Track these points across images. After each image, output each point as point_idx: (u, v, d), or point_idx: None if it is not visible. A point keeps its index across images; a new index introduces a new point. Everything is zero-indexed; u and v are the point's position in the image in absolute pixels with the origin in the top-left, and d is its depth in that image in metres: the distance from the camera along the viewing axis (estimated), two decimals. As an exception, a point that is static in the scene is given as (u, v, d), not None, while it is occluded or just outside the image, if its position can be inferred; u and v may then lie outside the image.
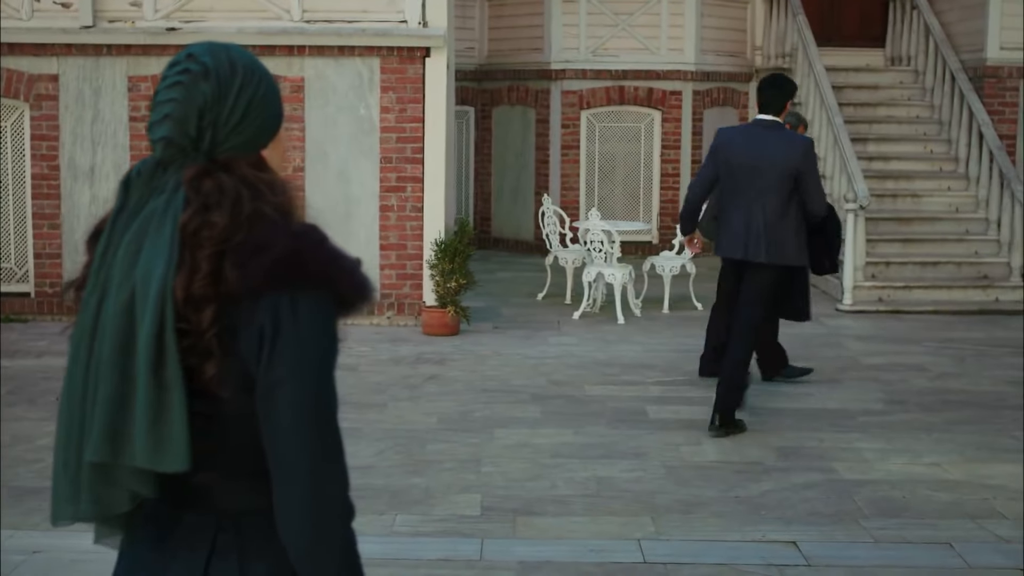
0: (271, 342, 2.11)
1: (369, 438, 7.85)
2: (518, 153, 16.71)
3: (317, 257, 2.15)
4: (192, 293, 2.10)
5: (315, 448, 2.13)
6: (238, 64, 2.22)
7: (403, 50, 11.50)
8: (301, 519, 2.13)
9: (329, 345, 2.17)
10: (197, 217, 2.12)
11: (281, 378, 2.11)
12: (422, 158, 11.62)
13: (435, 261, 11.32)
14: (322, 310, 2.15)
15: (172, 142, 2.18)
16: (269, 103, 2.25)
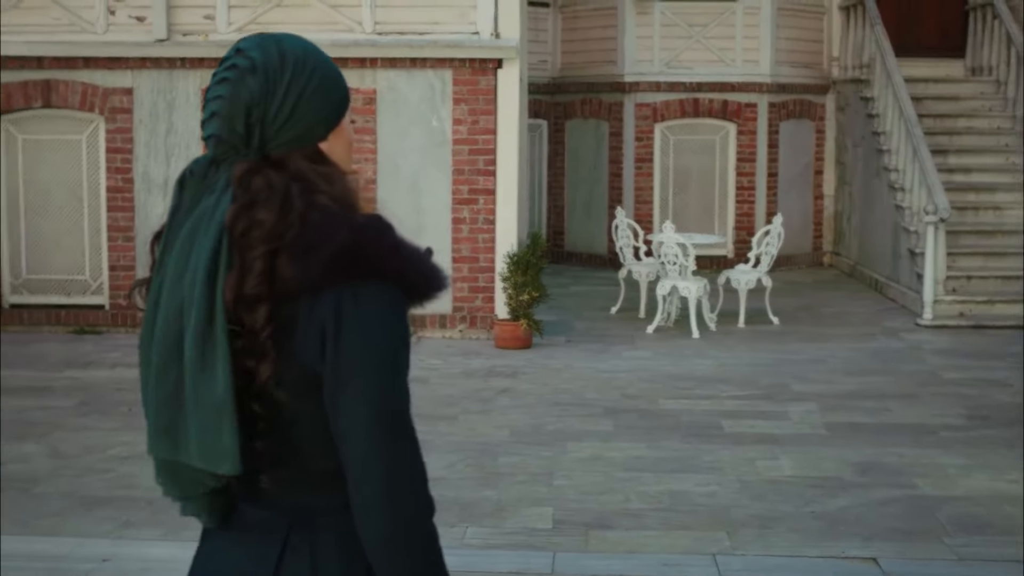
0: (334, 338, 2.05)
1: (440, 450, 7.77)
2: (591, 166, 16.61)
3: (379, 247, 2.07)
4: (244, 293, 2.04)
5: (388, 445, 2.06)
6: (288, 56, 2.14)
7: (475, 62, 11.45)
8: (378, 517, 2.06)
9: (397, 338, 2.08)
10: (243, 216, 2.06)
11: (348, 375, 2.04)
12: (494, 170, 11.56)
13: (507, 274, 11.24)
14: (387, 302, 2.07)
15: (222, 140, 2.13)
16: (323, 94, 2.15)
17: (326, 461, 2.11)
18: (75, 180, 11.76)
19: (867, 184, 15.31)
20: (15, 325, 11.76)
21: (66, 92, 11.67)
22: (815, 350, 11.20)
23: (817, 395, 9.41)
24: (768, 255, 12.61)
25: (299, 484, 2.15)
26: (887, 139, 14.60)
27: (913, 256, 13.20)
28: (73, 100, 11.69)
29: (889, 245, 14.22)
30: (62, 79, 11.64)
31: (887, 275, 14.26)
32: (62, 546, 6.12)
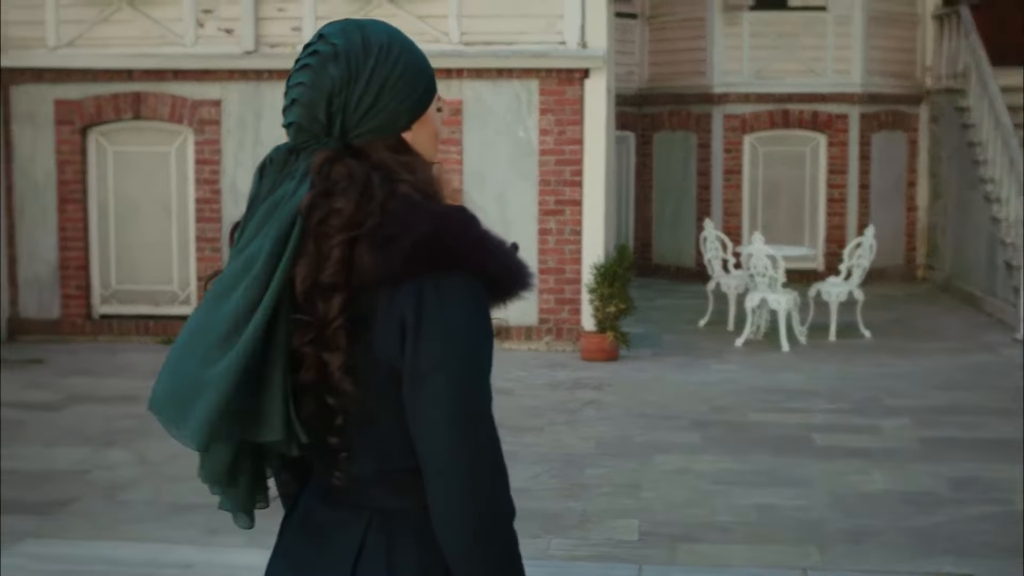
0: (415, 332, 1.97)
1: (525, 462, 7.68)
2: (679, 179, 16.45)
3: (462, 238, 1.99)
4: (320, 282, 1.98)
5: (469, 443, 1.98)
6: (372, 43, 2.07)
7: (562, 72, 11.38)
8: (458, 519, 1.99)
9: (480, 332, 2.01)
10: (320, 204, 1.99)
11: (429, 369, 1.97)
12: (581, 180, 11.47)
13: (594, 285, 11.13)
14: (470, 294, 2.00)
15: (302, 128, 2.07)
16: (408, 82, 2.08)
17: (405, 460, 2.04)
18: (164, 192, 11.85)
19: (962, 196, 14.99)
20: (105, 335, 11.87)
21: (155, 104, 11.77)
22: (908, 364, 10.96)
23: (910, 409, 9.20)
24: (860, 268, 12.38)
25: (377, 484, 2.08)
26: (982, 150, 14.28)
27: (1010, 269, 12.89)
28: (162, 112, 11.79)
29: (984, 258, 13.90)
30: (151, 91, 11.75)
31: (983, 288, 13.94)
32: (147, 552, 6.12)
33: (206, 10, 11.66)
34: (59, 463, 7.75)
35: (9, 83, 11.84)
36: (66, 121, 11.83)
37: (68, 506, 6.90)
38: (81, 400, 9.52)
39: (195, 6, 11.64)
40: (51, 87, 11.81)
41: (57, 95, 11.81)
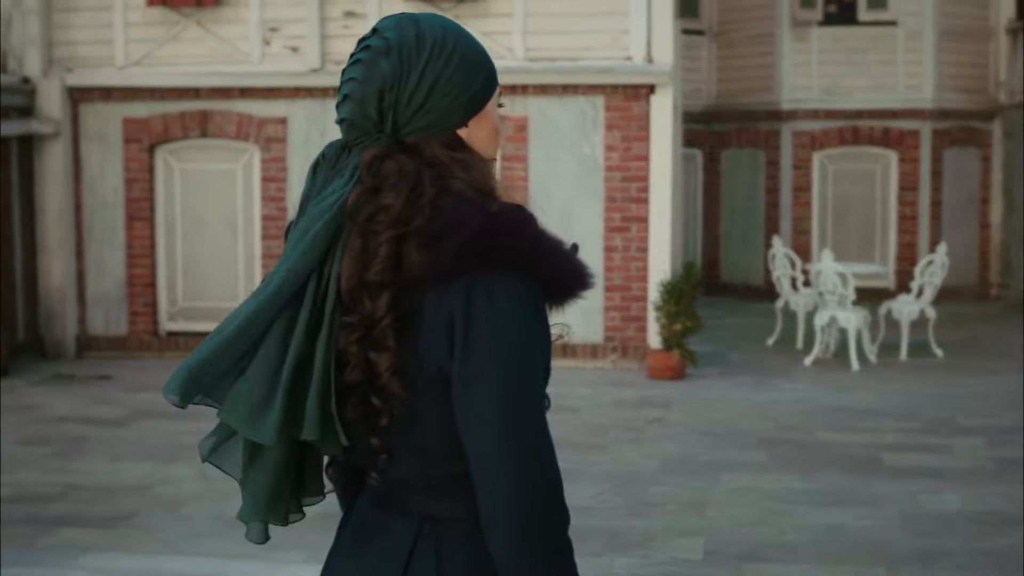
0: (464, 331, 1.91)
1: (589, 479, 7.59)
2: (747, 196, 16.30)
3: (516, 236, 1.93)
4: (367, 279, 1.93)
5: (520, 447, 1.91)
6: (427, 38, 2.01)
7: (628, 87, 11.30)
8: (508, 527, 1.92)
9: (532, 333, 1.94)
10: (368, 200, 1.95)
11: (479, 370, 1.91)
12: (647, 197, 11.38)
13: (660, 303, 11.02)
14: (523, 294, 1.93)
15: (354, 124, 2.02)
16: (462, 79, 2.02)
17: (454, 465, 1.98)
18: (230, 209, 11.90)
19: (1037, 213, 14.73)
20: (171, 351, 11.93)
21: (222, 122, 11.83)
22: (981, 384, 10.74)
23: (983, 429, 9.00)
24: (931, 286, 12.18)
25: (425, 489, 2.02)
26: (1058, 166, 14.03)
27: (1086, 287, 12.63)
28: (229, 130, 11.85)
29: (1060, 276, 13.64)
30: (218, 109, 11.82)
31: (1058, 307, 13.67)
32: (208, 566, 6.10)
33: (272, 28, 11.71)
34: (123, 478, 7.76)
35: (79, 102, 11.96)
36: (134, 139, 11.93)
37: (130, 520, 6.90)
38: (146, 416, 9.55)
39: (261, 24, 11.70)
40: (119, 106, 11.91)
41: (125, 113, 11.91)
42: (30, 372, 11.23)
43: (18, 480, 7.73)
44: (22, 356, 11.62)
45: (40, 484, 7.64)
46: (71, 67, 11.95)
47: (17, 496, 7.38)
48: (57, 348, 11.97)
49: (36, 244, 11.95)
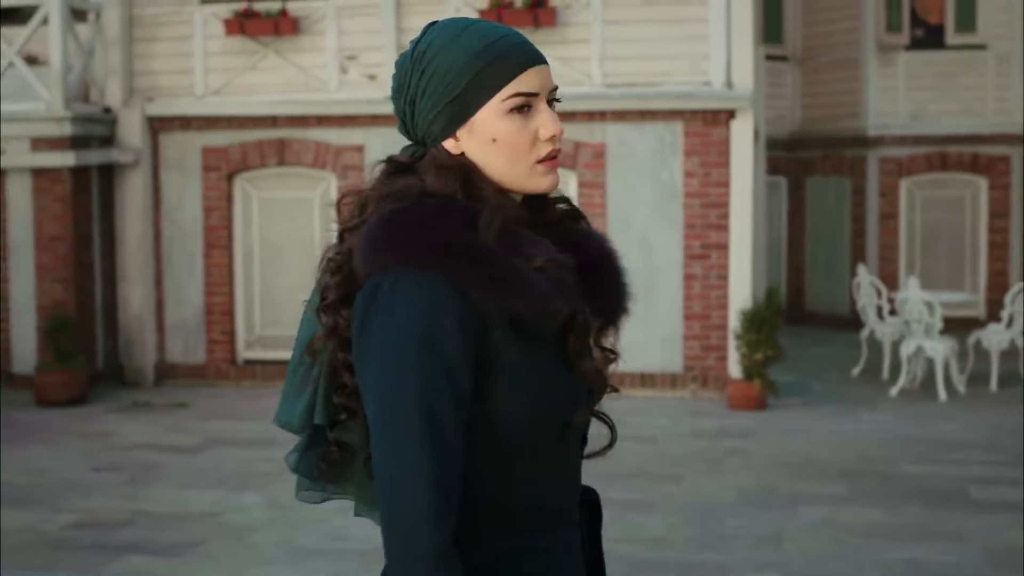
0: (359, 329, 1.92)
1: (663, 511, 7.41)
2: (833, 224, 15.99)
3: (414, 233, 1.89)
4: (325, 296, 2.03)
5: (388, 452, 1.87)
6: (419, 49, 2.02)
7: (707, 113, 11.13)
8: (385, 551, 1.88)
9: (417, 333, 1.86)
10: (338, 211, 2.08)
11: (364, 371, 1.92)
12: (727, 224, 11.18)
13: (741, 332, 10.80)
14: (417, 292, 1.88)
15: (402, 132, 2.11)
16: (436, 91, 1.99)
17: None
18: (307, 237, 11.88)
19: None
20: (248, 380, 11.92)
21: (299, 150, 11.84)
22: (1075, 415, 10.39)
23: (1077, 462, 8.68)
24: (1022, 315, 11.83)
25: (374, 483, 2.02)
26: None
27: None
28: (306, 158, 11.85)
29: None
30: (296, 137, 11.83)
31: None
32: (268, 597, 6.01)
33: (350, 56, 11.71)
34: (192, 505, 7.72)
35: (158, 131, 12.04)
36: (213, 168, 11.97)
37: (197, 548, 6.85)
38: (219, 443, 9.52)
39: (339, 53, 11.70)
40: (199, 134, 11.97)
41: (204, 142, 11.96)
42: (108, 400, 11.28)
43: (88, 506, 7.73)
44: (102, 384, 11.68)
45: (109, 511, 7.62)
46: (151, 96, 12.03)
47: (86, 522, 7.37)
48: (136, 376, 12.01)
49: (116, 272, 12.03)
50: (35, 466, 8.82)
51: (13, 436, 9.78)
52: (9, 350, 11.69)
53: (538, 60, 2.00)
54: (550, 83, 2.02)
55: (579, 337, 1.99)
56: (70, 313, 11.26)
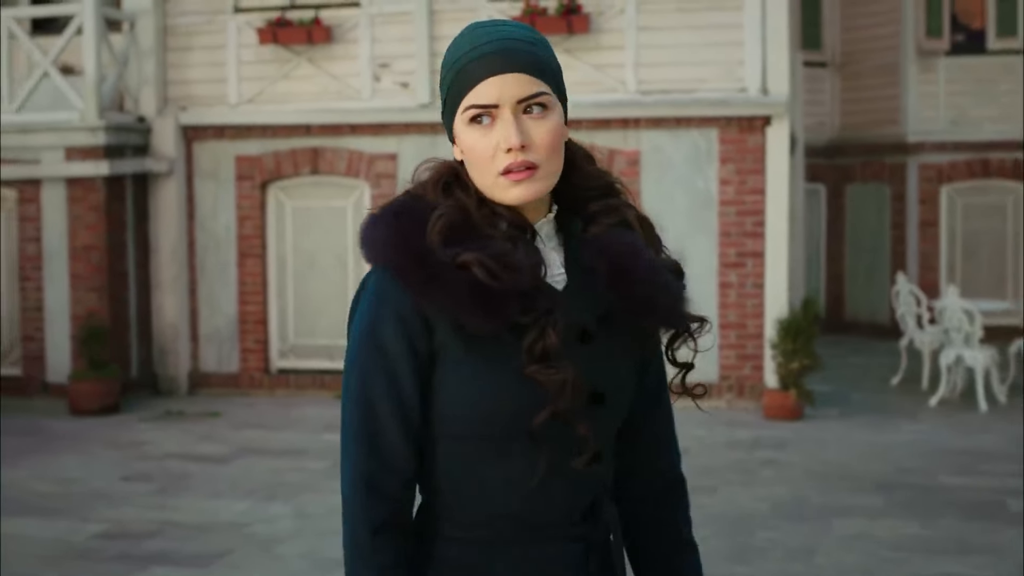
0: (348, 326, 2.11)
1: (695, 523, 7.24)
2: (873, 232, 15.81)
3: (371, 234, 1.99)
4: None
5: (342, 427, 2.03)
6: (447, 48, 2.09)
7: (742, 119, 11.01)
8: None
9: (362, 324, 1.99)
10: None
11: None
12: (763, 232, 11.05)
13: (777, 341, 10.67)
14: (370, 289, 2.00)
15: None
16: (440, 92, 2.07)
17: None
18: (341, 246, 11.84)
19: None
20: (282, 389, 11.89)
21: (332, 159, 11.81)
22: (1119, 426, 10.20)
23: (1119, 474, 8.50)
24: (1065, 323, 11.64)
25: None
26: None
27: None
28: (339, 166, 11.82)
29: None
30: (329, 146, 11.80)
31: None
32: (291, 609, 5.95)
33: (383, 64, 11.67)
34: (220, 515, 7.68)
35: (192, 140, 12.04)
36: (246, 177, 11.96)
37: (224, 558, 6.80)
38: (250, 453, 9.49)
39: (372, 61, 11.67)
40: (232, 143, 11.96)
41: (238, 151, 11.95)
42: (142, 408, 11.28)
43: (116, 516, 7.70)
44: (136, 393, 11.68)
45: (137, 521, 7.59)
46: (185, 106, 12.04)
47: (114, 532, 7.34)
48: (170, 385, 12.01)
49: (150, 281, 12.03)
50: (66, 475, 8.82)
51: (46, 445, 9.79)
52: (44, 359, 11.72)
53: (502, 70, 1.96)
54: (518, 93, 1.96)
55: (538, 339, 1.95)
56: (104, 322, 11.27)
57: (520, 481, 2.01)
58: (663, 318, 2.07)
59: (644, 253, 2.05)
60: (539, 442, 1.98)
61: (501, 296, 1.93)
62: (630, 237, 2.06)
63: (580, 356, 2.00)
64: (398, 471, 2.00)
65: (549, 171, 2.00)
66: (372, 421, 1.98)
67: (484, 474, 2.01)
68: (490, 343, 1.97)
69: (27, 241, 11.70)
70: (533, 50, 2.00)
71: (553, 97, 2.00)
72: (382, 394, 1.97)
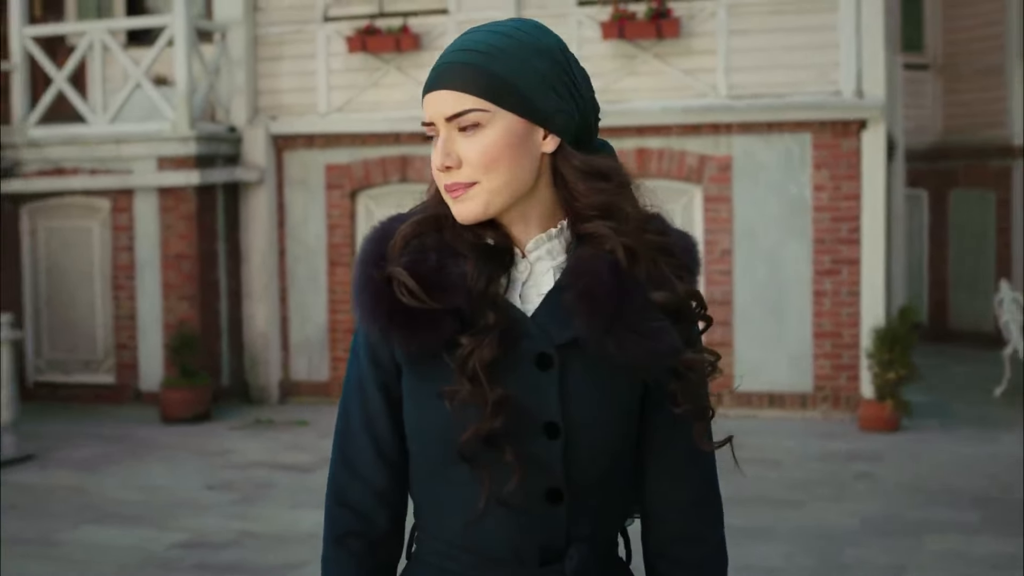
0: None
1: (781, 539, 7.10)
2: (977, 238, 15.38)
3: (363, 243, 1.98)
4: None
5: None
6: None
7: (837, 123, 10.75)
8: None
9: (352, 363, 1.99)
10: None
11: None
12: (859, 238, 10.78)
13: (873, 350, 10.40)
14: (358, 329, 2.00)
15: None
16: None
17: None
18: (428, 254, 11.76)
19: None
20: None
21: (421, 167, 11.75)
22: None
23: None
24: None
25: None
26: None
27: None
28: (428, 174, 11.66)
29: None
30: (417, 154, 11.74)
31: None
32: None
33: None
34: (299, 526, 7.63)
35: (282, 149, 12.07)
36: (336, 185, 11.96)
37: (299, 570, 6.75)
38: (335, 463, 9.42)
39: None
40: (322, 152, 11.97)
41: (328, 160, 11.95)
42: (232, 417, 11.31)
43: (197, 525, 7.70)
44: (227, 401, 11.74)
45: (216, 530, 7.58)
46: (275, 115, 12.08)
47: (193, 542, 7.33)
48: (261, 393, 12.04)
49: (241, 290, 12.08)
50: (151, 483, 8.85)
51: (135, 453, 9.86)
52: (136, 367, 11.82)
53: (433, 87, 1.89)
54: (444, 110, 1.87)
55: (468, 357, 1.85)
56: (195, 331, 11.34)
57: (465, 509, 1.91)
58: (632, 356, 1.87)
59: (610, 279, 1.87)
60: (478, 469, 1.87)
61: (425, 314, 1.85)
62: (606, 263, 1.89)
63: (534, 382, 1.88)
64: (366, 480, 1.96)
65: (491, 187, 1.88)
66: (346, 432, 1.98)
67: (440, 498, 1.95)
68: (431, 362, 1.89)
69: (120, 250, 11.82)
70: (474, 63, 1.87)
71: (492, 113, 1.86)
72: (355, 406, 1.97)
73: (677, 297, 1.89)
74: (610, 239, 1.89)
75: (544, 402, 1.87)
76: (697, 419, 1.92)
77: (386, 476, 1.97)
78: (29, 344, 12.08)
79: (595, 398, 1.90)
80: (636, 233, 1.89)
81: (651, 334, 1.86)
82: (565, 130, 1.90)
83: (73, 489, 8.69)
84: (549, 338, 1.89)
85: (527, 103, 1.87)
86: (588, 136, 1.96)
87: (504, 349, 1.86)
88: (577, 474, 1.90)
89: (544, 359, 1.89)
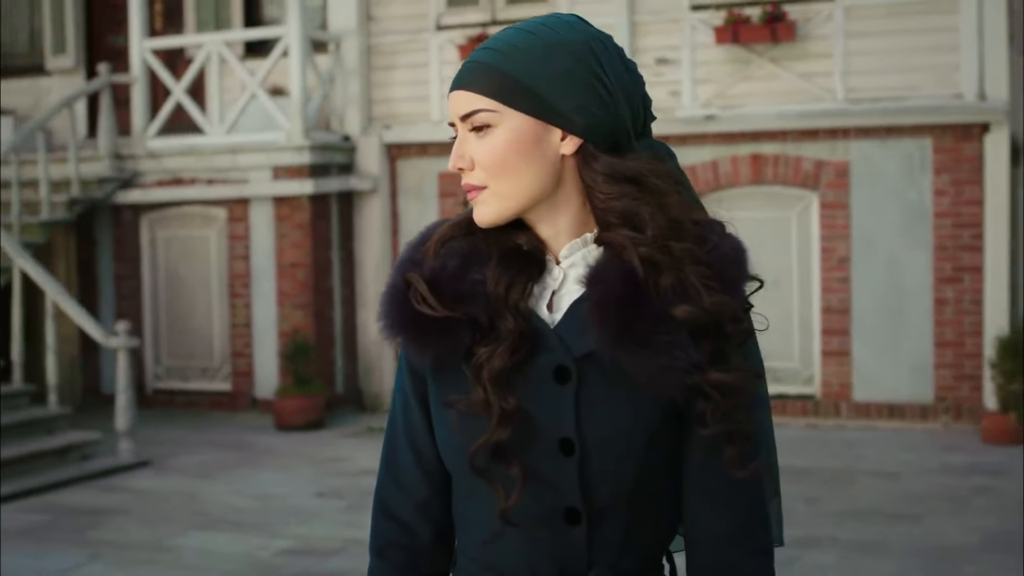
0: None
1: (893, 554, 6.90)
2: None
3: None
4: None
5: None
6: None
7: (958, 127, 10.47)
8: None
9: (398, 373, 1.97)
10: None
11: None
12: (982, 245, 10.48)
13: (997, 360, 10.10)
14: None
15: None
16: None
17: None
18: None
19: None
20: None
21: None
22: None
23: None
24: None
25: None
26: None
27: None
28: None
29: None
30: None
31: None
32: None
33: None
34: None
35: (396, 158, 12.12)
36: (449, 194, 11.96)
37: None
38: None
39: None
40: (435, 160, 11.98)
41: (441, 168, 11.96)
42: (345, 425, 11.37)
43: (305, 532, 7.72)
44: (340, 409, 11.80)
45: (323, 538, 7.60)
46: (389, 124, 12.13)
47: (299, 549, 7.36)
48: (374, 402, 12.09)
49: (355, 298, 12.15)
50: (263, 490, 8.91)
51: (249, 460, 9.94)
52: (252, 375, 11.95)
53: (453, 87, 1.83)
54: (457, 111, 1.82)
55: (481, 366, 1.79)
56: (309, 339, 11.42)
57: (483, 526, 1.85)
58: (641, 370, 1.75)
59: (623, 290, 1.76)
60: (490, 483, 1.80)
61: (440, 322, 1.78)
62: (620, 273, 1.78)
63: (551, 395, 1.79)
64: (409, 492, 1.93)
65: (500, 192, 1.79)
66: (391, 442, 1.97)
67: (466, 514, 1.91)
68: (451, 372, 1.83)
69: (236, 259, 11.96)
70: (488, 62, 1.79)
71: (501, 113, 1.77)
72: (400, 416, 1.95)
73: (700, 310, 1.74)
74: (627, 248, 1.77)
75: (560, 417, 1.79)
76: (728, 442, 1.78)
77: (428, 488, 1.92)
78: (148, 351, 12.28)
79: (613, 414, 1.79)
80: (658, 242, 1.76)
81: (662, 348, 1.73)
82: (589, 130, 1.79)
83: (186, 495, 8.79)
84: (569, 350, 1.80)
85: (540, 102, 1.78)
86: (627, 137, 1.83)
87: (518, 358, 1.77)
88: (596, 494, 1.80)
89: (562, 372, 1.80)
